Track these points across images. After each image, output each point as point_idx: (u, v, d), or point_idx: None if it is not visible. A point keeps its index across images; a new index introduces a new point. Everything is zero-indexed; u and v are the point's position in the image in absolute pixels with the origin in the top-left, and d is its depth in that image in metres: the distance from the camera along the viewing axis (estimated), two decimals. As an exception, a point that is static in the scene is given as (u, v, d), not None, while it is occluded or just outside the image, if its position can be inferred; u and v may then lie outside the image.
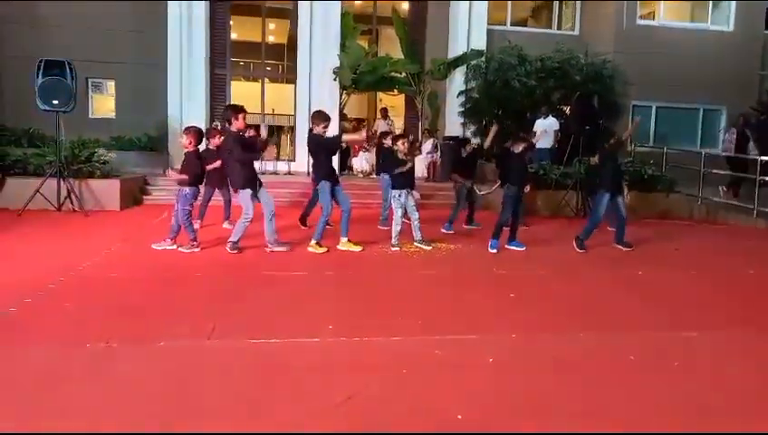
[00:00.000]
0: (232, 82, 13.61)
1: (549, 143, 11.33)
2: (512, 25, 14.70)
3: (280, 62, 16.42)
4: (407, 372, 3.36)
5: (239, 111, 6.12)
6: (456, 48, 13.38)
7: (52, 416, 2.75)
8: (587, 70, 12.29)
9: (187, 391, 3.06)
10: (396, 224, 6.86)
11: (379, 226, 8.07)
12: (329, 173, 6.68)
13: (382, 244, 6.98)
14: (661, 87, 13.62)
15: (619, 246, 7.18)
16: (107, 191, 9.14)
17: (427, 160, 12.25)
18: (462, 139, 10.07)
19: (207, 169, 7.00)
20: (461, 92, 13.19)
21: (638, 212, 9.29)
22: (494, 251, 6.80)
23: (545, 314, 4.63)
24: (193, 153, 6.45)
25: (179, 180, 6.28)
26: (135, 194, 9.95)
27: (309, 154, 7.08)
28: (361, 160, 12.99)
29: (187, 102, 12.57)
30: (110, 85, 13.16)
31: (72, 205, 8.65)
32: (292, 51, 13.57)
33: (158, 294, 4.87)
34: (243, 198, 6.21)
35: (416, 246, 6.89)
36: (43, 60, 8.70)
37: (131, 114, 12.56)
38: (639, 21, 13.99)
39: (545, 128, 11.28)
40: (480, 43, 13.37)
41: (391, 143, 7.57)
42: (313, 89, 12.91)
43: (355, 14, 13.64)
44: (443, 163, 11.93)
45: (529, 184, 7.25)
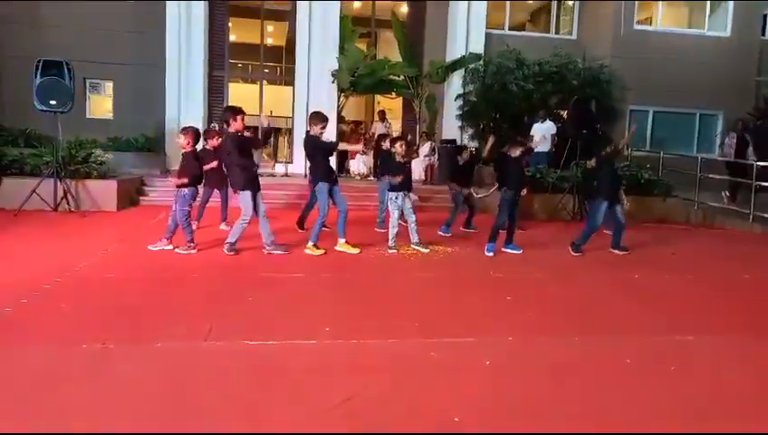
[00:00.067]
0: (230, 83, 13.57)
1: (546, 147, 11.35)
2: (510, 29, 14.71)
3: (278, 64, 16.41)
4: (403, 375, 3.36)
5: (238, 112, 6.14)
6: (455, 51, 13.40)
7: (49, 416, 2.74)
8: (584, 74, 12.33)
9: (183, 392, 3.05)
10: (392, 226, 6.86)
11: (377, 228, 8.08)
12: (327, 174, 6.69)
13: (379, 246, 6.99)
14: (658, 92, 13.67)
15: (615, 250, 7.20)
16: (104, 192, 9.12)
17: (425, 163, 12.26)
18: (458, 146, 10.07)
19: (205, 170, 6.99)
20: (459, 96, 13.20)
21: (634, 216, 9.31)
22: (491, 254, 6.80)
23: (542, 317, 4.64)
24: (191, 154, 6.44)
25: (179, 184, 6.27)
26: (132, 195, 9.93)
27: (306, 156, 7.08)
28: (358, 163, 12.98)
29: (185, 104, 12.55)
30: (108, 86, 13.12)
31: (69, 205, 8.63)
32: (291, 53, 13.56)
33: (155, 295, 4.86)
34: (243, 199, 6.21)
35: (413, 248, 6.90)
36: (41, 60, 8.68)
37: (129, 115, 12.53)
38: (637, 26, 14.03)
39: (543, 132, 11.31)
40: (478, 47, 13.40)
41: (389, 145, 7.58)
42: (312, 91, 12.89)
43: (354, 17, 13.65)
44: (440, 166, 11.94)
45: (526, 187, 7.27)
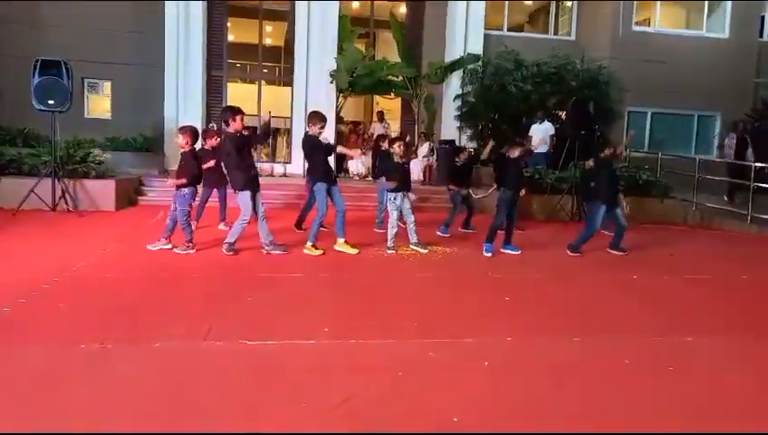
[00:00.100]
0: (228, 83, 13.57)
1: (544, 148, 11.37)
2: (508, 30, 14.74)
3: (277, 64, 16.39)
4: (403, 375, 3.36)
5: (237, 112, 6.12)
6: (454, 52, 13.41)
7: (47, 416, 2.73)
8: (583, 75, 12.34)
9: (182, 392, 3.05)
10: (391, 227, 6.86)
11: (375, 228, 8.08)
12: (325, 174, 6.68)
13: (378, 246, 6.99)
14: (656, 93, 13.70)
15: (614, 251, 7.21)
16: (102, 192, 9.11)
17: (423, 164, 12.26)
18: (456, 147, 10.07)
19: (204, 170, 6.97)
20: (457, 96, 13.21)
21: (633, 217, 9.31)
22: (489, 255, 6.81)
23: (541, 317, 4.64)
24: (189, 153, 6.44)
25: (178, 184, 6.27)
26: (130, 195, 9.91)
27: (304, 156, 7.08)
28: (357, 163, 12.97)
29: (184, 104, 12.54)
30: (107, 85, 13.12)
31: (67, 205, 8.61)
32: (290, 53, 13.56)
33: (154, 294, 4.85)
34: (242, 199, 6.20)
35: (411, 248, 6.90)
36: (39, 59, 8.67)
37: (127, 115, 12.53)
38: (635, 27, 14.07)
39: (542, 133, 11.33)
40: (477, 48, 13.42)
41: (388, 146, 7.58)
42: (310, 91, 12.89)
43: (352, 17, 13.65)
44: (438, 167, 11.94)
45: (524, 188, 7.27)
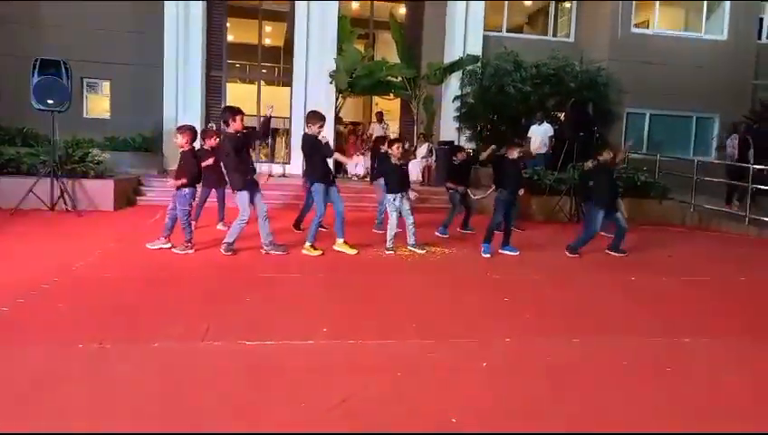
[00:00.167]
0: (228, 83, 13.58)
1: (544, 149, 11.38)
2: (508, 32, 14.75)
3: (276, 64, 16.38)
4: (401, 375, 3.37)
5: (236, 112, 6.12)
6: (453, 53, 13.42)
7: (45, 416, 2.73)
8: (582, 77, 12.37)
9: (181, 392, 3.05)
10: (391, 228, 6.86)
11: (374, 229, 8.08)
12: (323, 175, 6.68)
13: (377, 247, 6.99)
14: (655, 95, 13.72)
15: (612, 252, 7.22)
16: (101, 191, 9.10)
17: (422, 165, 12.27)
18: (454, 146, 10.08)
19: (203, 169, 6.96)
20: (456, 97, 13.22)
21: (631, 219, 9.31)
22: (488, 256, 6.81)
23: (539, 318, 4.65)
24: (189, 152, 6.43)
25: (178, 185, 6.26)
26: (129, 195, 9.90)
27: (303, 156, 7.08)
28: (356, 164, 12.97)
29: (183, 104, 12.53)
30: (106, 85, 13.11)
31: (66, 205, 8.60)
32: (289, 53, 13.55)
33: (152, 294, 4.85)
34: (240, 200, 6.20)
35: (409, 249, 6.90)
36: (38, 59, 8.66)
37: (126, 115, 12.52)
38: (634, 29, 14.08)
39: (541, 135, 11.34)
40: (476, 49, 13.43)
41: (387, 147, 7.57)
42: (309, 92, 12.89)
43: (352, 18, 13.66)
44: (437, 168, 11.95)
45: (523, 189, 7.28)
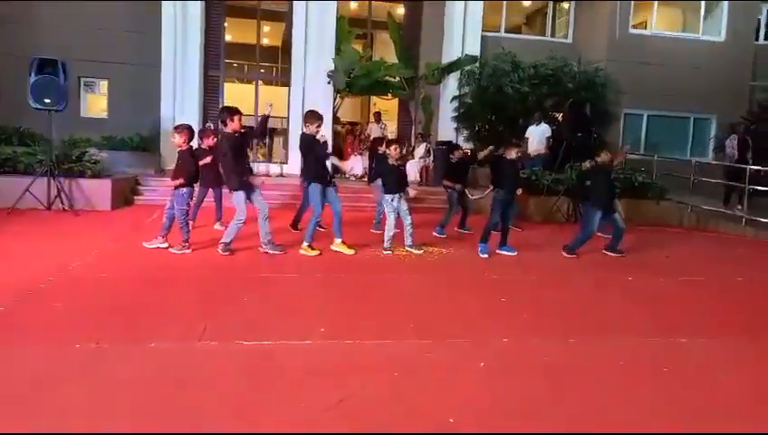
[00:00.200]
0: (225, 83, 13.55)
1: (541, 149, 11.38)
2: (506, 32, 14.75)
3: (274, 64, 16.38)
4: (399, 375, 3.37)
5: (235, 112, 6.11)
6: (451, 53, 13.43)
7: (43, 416, 2.72)
8: (580, 77, 12.39)
9: (178, 392, 3.04)
10: (388, 229, 6.86)
11: (372, 229, 8.08)
12: (320, 175, 6.67)
13: (374, 247, 6.98)
14: (653, 96, 13.74)
15: (610, 252, 7.23)
16: (98, 191, 9.07)
17: (420, 165, 12.27)
18: (451, 145, 10.09)
19: (201, 169, 6.94)
20: (454, 98, 13.23)
21: (628, 220, 9.32)
22: (485, 256, 6.81)
23: (537, 318, 4.65)
24: (186, 151, 6.42)
25: (177, 184, 6.25)
26: (126, 194, 9.88)
27: (301, 156, 7.08)
28: (354, 163, 12.97)
29: (181, 103, 12.51)
30: (103, 85, 13.08)
31: (63, 204, 8.58)
32: (287, 53, 13.55)
33: (149, 294, 4.84)
34: (237, 200, 6.20)
35: (407, 249, 6.90)
36: (35, 58, 8.64)
37: (124, 114, 12.49)
38: (632, 30, 14.10)
39: (538, 135, 11.34)
40: (474, 49, 13.44)
41: (385, 148, 7.57)
42: (307, 92, 12.87)
43: (350, 18, 13.67)
44: (435, 168, 11.96)
45: (520, 189, 7.28)
